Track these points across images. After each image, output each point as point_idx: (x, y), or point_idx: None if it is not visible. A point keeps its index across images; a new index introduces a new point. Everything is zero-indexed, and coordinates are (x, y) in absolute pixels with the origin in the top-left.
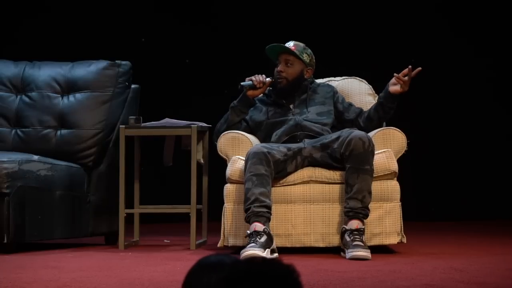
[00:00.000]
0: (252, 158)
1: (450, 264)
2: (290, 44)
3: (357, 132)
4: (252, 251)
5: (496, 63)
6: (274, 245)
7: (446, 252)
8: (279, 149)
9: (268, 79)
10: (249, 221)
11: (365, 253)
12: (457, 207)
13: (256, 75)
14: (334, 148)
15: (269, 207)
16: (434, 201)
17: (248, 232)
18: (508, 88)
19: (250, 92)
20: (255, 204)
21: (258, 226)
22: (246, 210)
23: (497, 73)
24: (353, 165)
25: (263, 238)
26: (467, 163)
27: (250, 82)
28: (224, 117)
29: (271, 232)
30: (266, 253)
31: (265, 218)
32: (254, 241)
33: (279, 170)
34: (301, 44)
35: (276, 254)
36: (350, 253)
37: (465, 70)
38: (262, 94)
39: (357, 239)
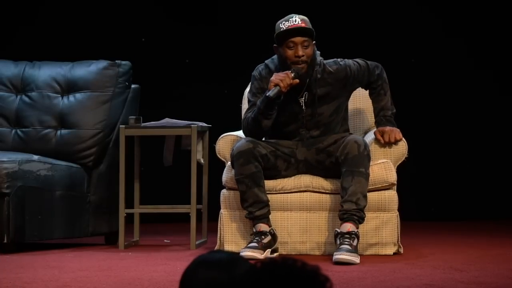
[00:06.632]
0: (239, 158)
1: (450, 264)
2: (298, 21)
3: (353, 136)
4: (251, 253)
5: (496, 63)
6: (277, 244)
7: (446, 252)
8: (265, 144)
9: (295, 79)
10: (252, 219)
11: (349, 256)
12: (457, 207)
13: (280, 77)
14: (331, 151)
15: (267, 203)
16: (434, 201)
17: (254, 230)
18: (508, 88)
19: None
20: (254, 208)
21: (263, 227)
22: (247, 211)
23: (497, 73)
24: (348, 168)
25: (267, 239)
26: (467, 163)
27: (277, 89)
28: (253, 120)
29: (275, 232)
30: (265, 253)
31: (267, 218)
32: (257, 241)
33: (268, 167)
34: (305, 18)
35: (276, 254)
36: (334, 256)
37: (465, 70)
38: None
39: (346, 242)
